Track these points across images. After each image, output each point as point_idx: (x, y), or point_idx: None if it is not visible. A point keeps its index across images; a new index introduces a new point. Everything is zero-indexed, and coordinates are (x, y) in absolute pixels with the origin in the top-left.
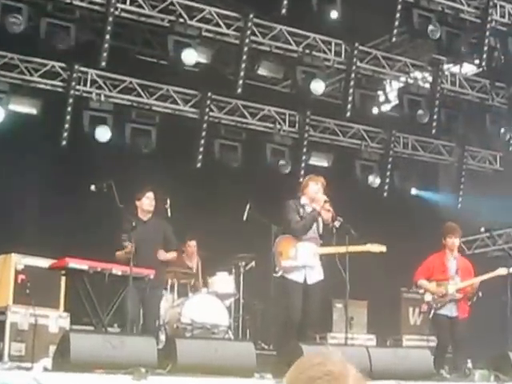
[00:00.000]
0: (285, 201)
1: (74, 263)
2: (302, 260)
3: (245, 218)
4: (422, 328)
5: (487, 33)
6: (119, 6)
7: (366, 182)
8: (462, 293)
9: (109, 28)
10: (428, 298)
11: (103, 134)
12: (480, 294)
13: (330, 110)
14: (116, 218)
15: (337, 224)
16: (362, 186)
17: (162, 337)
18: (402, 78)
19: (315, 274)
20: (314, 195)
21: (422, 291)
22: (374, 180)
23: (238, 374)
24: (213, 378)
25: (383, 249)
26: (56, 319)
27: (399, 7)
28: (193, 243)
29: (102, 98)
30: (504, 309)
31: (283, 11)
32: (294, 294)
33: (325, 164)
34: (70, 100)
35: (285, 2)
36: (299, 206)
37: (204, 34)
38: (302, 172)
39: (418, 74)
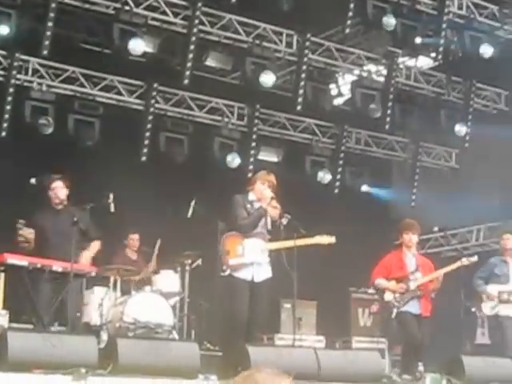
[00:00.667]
0: (232, 196)
1: (13, 259)
2: (250, 257)
3: (190, 214)
4: (372, 330)
5: (444, 25)
6: None
7: (316, 178)
8: (423, 289)
9: (51, 15)
10: (389, 297)
11: (45, 124)
12: (433, 294)
13: (280, 103)
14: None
15: (284, 221)
16: (312, 182)
17: (104, 336)
18: (356, 71)
19: (263, 272)
20: (261, 192)
21: (372, 292)
22: (325, 176)
23: (182, 375)
24: (155, 379)
25: (332, 240)
26: None
27: None
28: (135, 236)
29: (44, 88)
30: (457, 310)
31: (233, 0)
32: (240, 293)
33: (274, 159)
34: (11, 89)
35: None
36: (247, 201)
37: (150, 22)
38: (251, 167)
39: (371, 67)
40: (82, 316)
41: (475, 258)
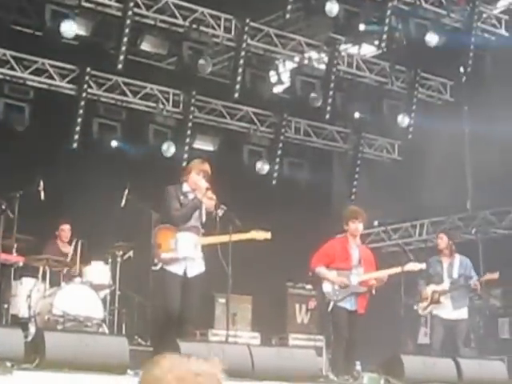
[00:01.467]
0: (165, 187)
1: None
2: (183, 252)
3: (123, 203)
4: (309, 327)
5: (388, 12)
6: None
7: (254, 168)
8: (364, 286)
9: None
10: (327, 288)
11: None
12: (373, 291)
13: (217, 90)
14: None
15: (220, 213)
16: (250, 172)
17: (32, 329)
18: (296, 58)
19: (196, 267)
20: (195, 182)
21: (309, 288)
22: (263, 166)
23: (110, 370)
24: (83, 374)
25: (268, 235)
26: None
27: None
28: (67, 227)
29: None
30: (396, 308)
31: None
32: (172, 287)
33: (210, 148)
34: None
35: None
36: (180, 192)
37: (84, 4)
38: (186, 156)
39: (313, 54)
40: (9, 308)
41: (423, 265)
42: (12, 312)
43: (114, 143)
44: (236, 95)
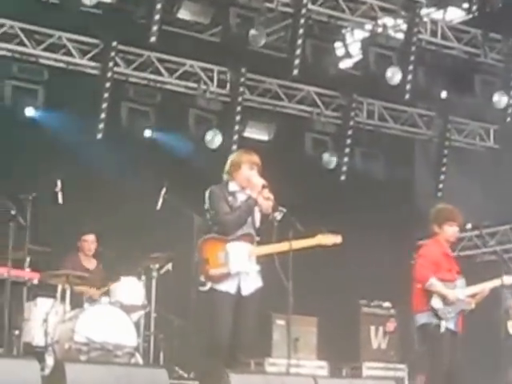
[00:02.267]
0: (208, 187)
1: None
2: (235, 266)
3: (159, 206)
4: (387, 353)
5: None
6: None
7: (320, 161)
8: (468, 301)
9: None
10: (437, 304)
11: None
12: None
13: (272, 66)
14: None
15: (278, 216)
16: (314, 166)
17: (50, 360)
18: (368, 26)
19: (251, 282)
20: (248, 179)
21: (388, 306)
22: (330, 159)
23: None
24: None
25: (337, 240)
26: None
27: None
28: (91, 238)
29: None
30: (495, 330)
31: None
32: (222, 309)
33: (265, 137)
34: None
35: None
36: (228, 193)
37: None
38: (235, 147)
39: (388, 21)
40: (21, 334)
41: None
42: (25, 340)
43: (146, 132)
44: (295, 72)
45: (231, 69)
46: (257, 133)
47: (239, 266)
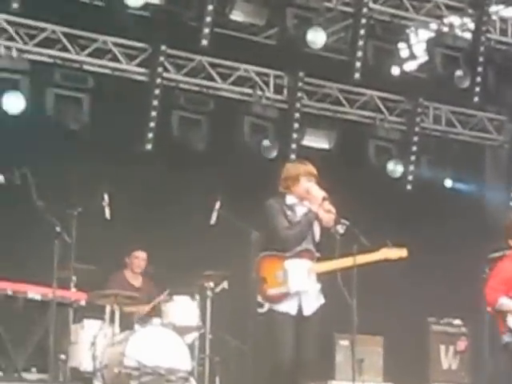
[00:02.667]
0: (266, 200)
1: None
2: (295, 285)
3: (213, 220)
4: (458, 374)
5: None
6: None
7: (384, 170)
8: None
9: None
10: None
11: (14, 103)
12: None
13: (332, 69)
14: (34, 220)
15: (340, 229)
16: (378, 175)
17: None
18: (433, 26)
19: (312, 301)
20: (307, 191)
21: (459, 323)
22: (395, 167)
23: None
24: None
25: (403, 253)
26: None
27: None
28: (142, 255)
29: (14, 54)
30: None
31: None
32: (283, 330)
33: (325, 145)
34: None
35: None
36: (286, 207)
37: None
38: (293, 156)
39: (454, 20)
40: (68, 359)
41: None
42: (71, 364)
43: (200, 143)
44: (356, 75)
45: (288, 73)
46: (316, 141)
47: (299, 284)
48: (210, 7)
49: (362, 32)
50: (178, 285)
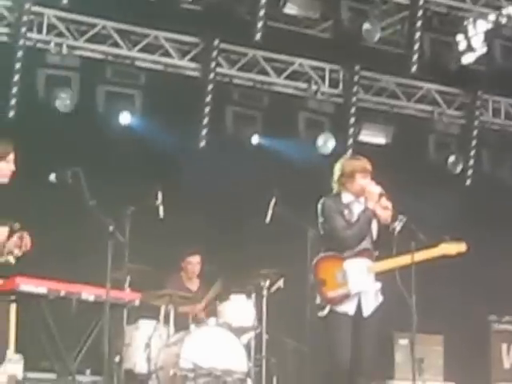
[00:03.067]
0: (322, 196)
1: (28, 285)
2: (355, 286)
3: (268, 218)
4: None
5: None
6: None
7: (444, 165)
8: None
9: None
10: None
11: (65, 100)
12: None
13: (388, 63)
14: (87, 220)
15: (398, 226)
16: (438, 171)
17: None
18: (491, 16)
19: (372, 301)
20: (363, 188)
21: None
22: (456, 163)
23: None
24: None
25: (462, 248)
26: (3, 364)
27: None
28: (195, 259)
29: (65, 50)
30: None
31: None
32: (341, 331)
33: (382, 140)
34: (19, 53)
35: None
36: (342, 205)
37: None
38: (350, 152)
39: None
40: (122, 361)
41: None
42: (126, 366)
43: (254, 139)
44: (413, 69)
45: (344, 67)
46: (373, 136)
47: (359, 285)
48: (264, 0)
49: (419, 24)
50: (233, 284)
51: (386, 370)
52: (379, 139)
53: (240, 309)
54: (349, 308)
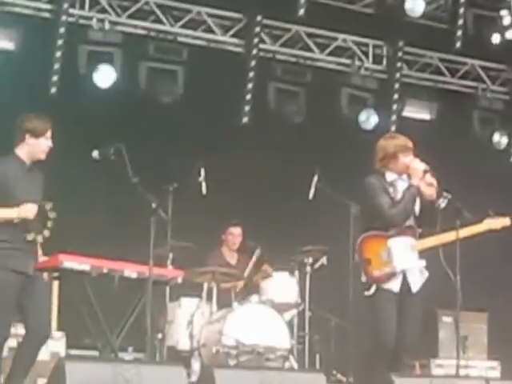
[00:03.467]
0: (364, 173)
1: (71, 262)
2: (400, 263)
3: (311, 195)
4: None
5: None
6: None
7: (489, 141)
8: None
9: None
10: None
11: (107, 76)
12: None
13: (432, 38)
14: (129, 197)
15: (442, 203)
16: (482, 147)
17: (196, 365)
18: None
19: (417, 278)
20: (407, 166)
21: None
22: (500, 139)
23: None
24: None
25: (507, 222)
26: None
27: None
28: (237, 230)
29: (107, 26)
30: None
31: None
32: (386, 308)
33: (426, 116)
34: (61, 29)
35: None
36: (387, 184)
37: None
38: (393, 128)
39: None
40: (164, 338)
41: None
42: (168, 343)
43: (297, 116)
44: (458, 44)
45: (388, 42)
46: (417, 112)
47: (404, 262)
48: None
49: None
50: (276, 261)
51: (429, 348)
52: (423, 115)
53: (283, 286)
54: (393, 285)
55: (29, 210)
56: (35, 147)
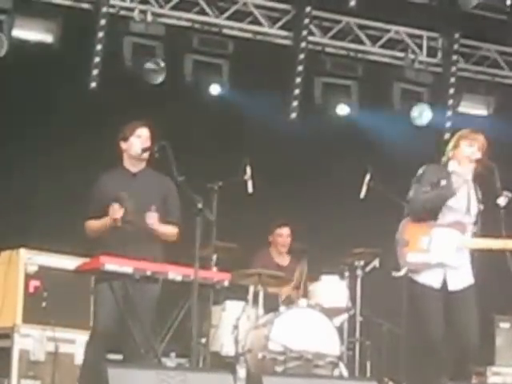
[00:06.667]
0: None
1: (113, 264)
2: (438, 255)
3: (363, 193)
4: None
5: None
6: None
7: None
8: None
9: None
10: None
11: (152, 70)
12: None
13: (489, 30)
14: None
15: (503, 201)
16: None
17: (242, 372)
18: None
19: (459, 278)
20: (467, 157)
21: None
22: None
23: None
24: None
25: None
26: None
27: None
28: (285, 231)
29: (149, 18)
30: None
31: None
32: (429, 305)
33: (483, 112)
34: (102, 21)
35: None
36: (443, 173)
37: None
38: (448, 124)
39: None
40: (209, 343)
41: None
42: (213, 349)
43: (345, 110)
44: None
45: (443, 34)
46: (474, 107)
47: (442, 256)
48: None
49: None
50: (324, 263)
51: (486, 355)
52: (480, 110)
53: (332, 289)
54: (432, 280)
55: (116, 211)
56: (128, 149)
